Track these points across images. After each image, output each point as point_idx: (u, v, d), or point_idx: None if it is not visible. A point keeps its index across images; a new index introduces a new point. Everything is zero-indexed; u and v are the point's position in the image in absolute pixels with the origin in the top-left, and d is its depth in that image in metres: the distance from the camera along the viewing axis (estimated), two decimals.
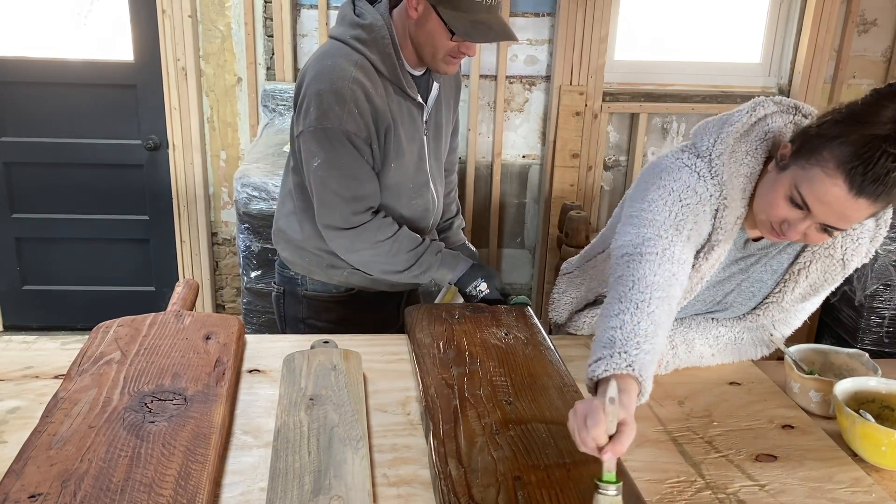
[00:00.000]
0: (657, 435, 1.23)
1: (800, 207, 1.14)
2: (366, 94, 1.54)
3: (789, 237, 1.19)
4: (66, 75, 3.01)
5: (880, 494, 1.09)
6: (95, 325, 1.40)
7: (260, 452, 1.13)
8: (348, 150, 1.55)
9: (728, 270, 1.40)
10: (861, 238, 1.30)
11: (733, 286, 1.42)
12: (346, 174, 1.58)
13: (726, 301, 1.44)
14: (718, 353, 1.46)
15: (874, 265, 2.92)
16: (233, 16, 2.96)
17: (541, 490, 1.01)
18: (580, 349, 1.51)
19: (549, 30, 3.09)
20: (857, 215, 1.12)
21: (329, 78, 1.53)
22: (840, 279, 1.35)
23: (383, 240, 1.64)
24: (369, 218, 1.63)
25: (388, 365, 1.42)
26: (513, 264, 3.41)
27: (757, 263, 1.38)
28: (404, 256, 1.67)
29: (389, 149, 1.62)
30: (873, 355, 1.42)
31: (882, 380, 1.29)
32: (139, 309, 1.54)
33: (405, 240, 1.66)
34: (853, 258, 1.31)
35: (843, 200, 1.09)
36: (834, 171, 1.08)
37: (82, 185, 3.17)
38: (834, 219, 1.13)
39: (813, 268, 1.32)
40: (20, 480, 0.97)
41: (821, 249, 1.30)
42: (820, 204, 1.12)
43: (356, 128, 1.54)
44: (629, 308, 1.13)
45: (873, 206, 1.09)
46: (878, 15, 3.20)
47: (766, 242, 1.34)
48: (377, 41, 1.56)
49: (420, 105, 1.67)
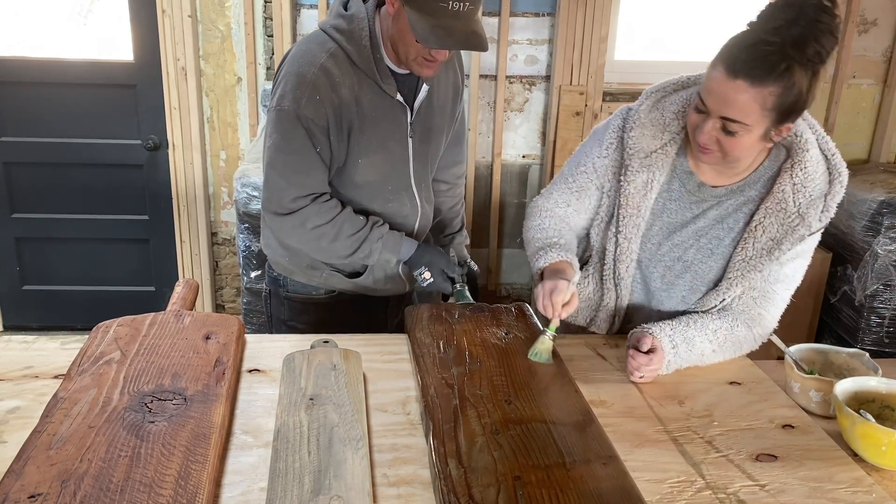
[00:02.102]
0: (657, 435, 1.23)
1: (702, 111, 1.30)
2: (332, 83, 1.53)
3: (701, 141, 1.32)
4: (66, 75, 3.01)
5: (880, 494, 1.09)
6: (95, 325, 1.40)
7: (260, 452, 1.13)
8: (301, 135, 1.54)
9: (682, 216, 1.47)
10: (813, 192, 1.37)
11: (691, 241, 1.47)
12: (293, 159, 1.56)
13: (687, 258, 1.49)
14: (719, 349, 1.46)
15: (874, 265, 2.93)
16: (233, 16, 2.96)
17: (541, 490, 1.01)
18: (580, 349, 1.51)
19: (549, 30, 3.09)
20: (740, 97, 1.23)
21: (299, 62, 1.54)
22: (804, 233, 1.38)
23: (321, 224, 1.60)
24: (308, 203, 1.60)
25: (388, 365, 1.42)
26: (513, 264, 3.41)
27: (713, 216, 1.45)
28: (345, 241, 1.63)
29: (356, 144, 1.59)
30: (873, 355, 1.42)
31: (882, 380, 1.29)
32: (139, 309, 1.54)
33: (346, 224, 1.62)
34: (809, 210, 1.37)
35: (723, 83, 1.24)
36: (716, 61, 1.27)
37: (82, 185, 3.17)
38: (721, 105, 1.26)
39: (768, 222, 1.39)
40: (20, 480, 0.97)
41: (773, 205, 1.39)
42: (708, 95, 1.27)
43: (314, 114, 1.52)
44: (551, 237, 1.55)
45: (753, 88, 1.22)
46: (878, 15, 3.20)
47: (720, 191, 1.44)
48: (354, 32, 1.55)
49: (402, 105, 1.63)
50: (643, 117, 1.47)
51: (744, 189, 1.42)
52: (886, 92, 3.29)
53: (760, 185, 1.41)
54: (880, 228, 2.90)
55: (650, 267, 1.53)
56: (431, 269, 1.66)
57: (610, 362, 1.46)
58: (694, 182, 1.45)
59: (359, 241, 1.63)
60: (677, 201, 1.47)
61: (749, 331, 1.48)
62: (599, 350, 1.52)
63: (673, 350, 1.41)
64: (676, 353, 1.41)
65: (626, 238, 1.51)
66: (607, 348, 1.52)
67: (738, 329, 1.47)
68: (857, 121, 3.36)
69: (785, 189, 1.37)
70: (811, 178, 1.36)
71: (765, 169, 1.41)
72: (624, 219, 1.49)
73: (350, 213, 1.64)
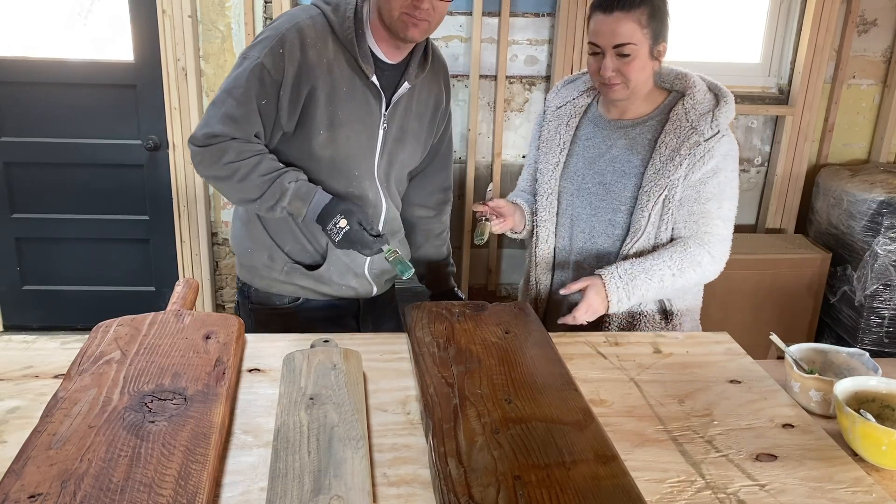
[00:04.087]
0: (657, 435, 1.23)
1: (597, 52, 1.60)
2: (302, 41, 1.54)
3: (605, 75, 1.60)
4: (66, 75, 3.01)
5: (880, 494, 1.09)
6: (95, 325, 1.40)
7: (260, 452, 1.13)
8: (252, 82, 1.53)
9: (598, 149, 1.74)
10: (701, 109, 1.64)
11: (608, 168, 1.72)
12: (232, 103, 1.55)
13: (606, 181, 1.72)
14: (679, 272, 1.63)
15: (874, 265, 2.93)
16: (233, 16, 2.96)
17: (541, 490, 1.01)
18: (580, 347, 1.51)
19: (549, 30, 3.09)
20: (623, 28, 1.55)
21: (280, 21, 1.58)
22: (697, 139, 1.62)
23: (236, 160, 1.55)
24: (228, 139, 1.56)
25: (388, 364, 1.42)
26: (513, 264, 3.41)
27: (623, 145, 1.70)
28: (257, 181, 1.56)
29: (318, 112, 1.58)
30: (873, 355, 1.42)
31: (882, 379, 1.29)
32: (139, 309, 1.54)
33: (262, 164, 1.57)
34: (699, 122, 1.63)
35: (605, 20, 1.56)
36: (592, 10, 1.60)
37: (82, 185, 3.17)
38: (610, 38, 1.56)
39: (668, 139, 1.64)
40: (20, 480, 0.97)
41: (670, 126, 1.65)
42: (597, 36, 1.58)
43: (272, 65, 1.53)
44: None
45: (628, 14, 1.54)
46: (878, 15, 3.20)
47: (626, 123, 1.71)
48: (340, 5, 1.58)
49: (378, 90, 1.62)
50: (559, 88, 1.85)
51: (647, 121, 1.70)
52: (886, 92, 3.29)
53: (661, 117, 1.69)
54: (880, 228, 2.90)
55: (578, 198, 1.76)
56: (348, 217, 1.54)
57: (610, 361, 1.47)
58: (604, 121, 1.75)
59: (270, 181, 1.56)
60: (592, 139, 1.76)
61: (702, 248, 1.65)
62: (600, 349, 1.52)
63: (629, 279, 1.60)
64: (634, 283, 1.60)
65: (542, 173, 1.81)
66: (607, 347, 1.52)
67: (690, 248, 1.65)
68: (857, 121, 3.36)
69: (678, 112, 1.66)
70: (699, 101, 1.65)
71: (664, 106, 1.70)
72: (542, 157, 1.81)
73: (269, 157, 1.59)
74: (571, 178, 1.77)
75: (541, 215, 1.82)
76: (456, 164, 3.21)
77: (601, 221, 1.74)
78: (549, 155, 1.80)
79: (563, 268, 1.83)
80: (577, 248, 1.78)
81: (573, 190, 1.77)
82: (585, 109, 1.80)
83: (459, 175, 3.22)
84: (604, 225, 1.73)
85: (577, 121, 1.79)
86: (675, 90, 1.70)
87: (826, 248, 3.15)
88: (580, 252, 1.78)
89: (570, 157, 1.78)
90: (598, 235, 1.75)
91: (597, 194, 1.73)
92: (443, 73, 1.80)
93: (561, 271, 1.84)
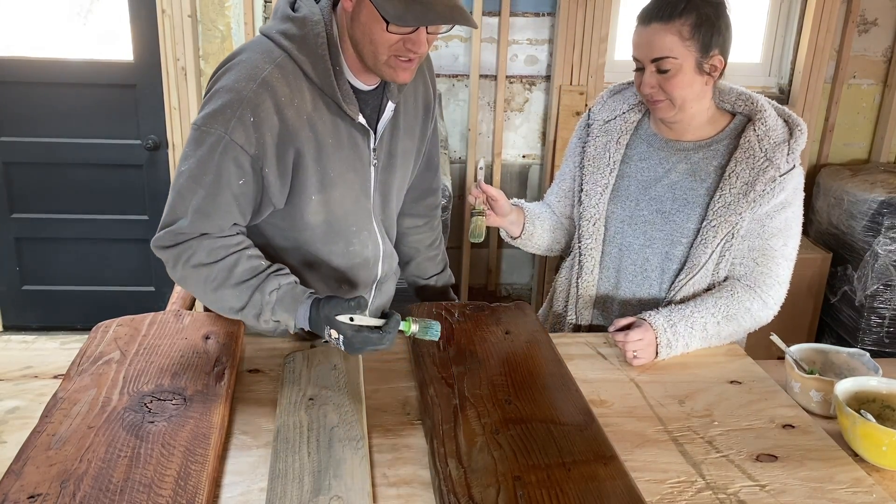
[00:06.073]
0: (657, 435, 1.22)
1: (639, 68, 1.49)
2: (275, 102, 1.27)
3: (645, 92, 1.48)
4: (66, 75, 3.01)
5: (881, 494, 1.09)
6: (95, 325, 1.40)
7: (260, 452, 1.13)
8: (224, 165, 1.27)
9: (654, 173, 1.58)
10: (776, 139, 1.49)
11: (667, 194, 1.56)
12: (202, 193, 1.29)
13: (665, 209, 1.56)
14: (724, 319, 1.49)
15: (874, 265, 2.93)
16: (233, 16, 2.96)
17: (541, 490, 1.01)
18: (580, 348, 1.51)
19: (549, 30, 3.09)
20: (661, 41, 1.43)
21: (236, 75, 1.27)
22: (774, 174, 1.48)
23: (208, 263, 1.30)
24: (197, 236, 1.32)
25: (388, 364, 1.42)
26: (513, 264, 3.41)
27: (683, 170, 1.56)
28: (234, 291, 1.30)
29: (308, 177, 1.34)
30: (874, 355, 1.42)
31: (883, 379, 1.29)
32: (139, 309, 1.54)
33: (238, 266, 1.30)
34: (775, 153, 1.48)
35: (643, 33, 1.45)
36: (635, 24, 1.48)
37: (82, 185, 3.17)
38: (648, 51, 1.45)
39: (740, 169, 1.50)
40: (19, 481, 0.97)
41: (742, 154, 1.50)
42: (637, 49, 1.47)
43: (244, 140, 1.26)
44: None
45: (665, 25, 1.42)
46: (878, 15, 3.20)
47: (687, 145, 1.56)
48: (308, 39, 1.28)
49: (365, 129, 1.38)
50: (605, 99, 1.68)
51: (710, 144, 1.55)
52: (886, 92, 3.29)
53: (727, 141, 1.54)
54: (880, 228, 2.90)
55: (630, 226, 1.60)
56: (336, 327, 1.22)
57: (610, 362, 1.46)
58: (659, 141, 1.59)
59: (249, 290, 1.30)
60: (646, 160, 1.59)
61: (752, 293, 1.51)
62: (599, 349, 1.51)
63: (668, 326, 1.45)
64: (674, 331, 1.45)
65: (588, 195, 1.63)
66: (607, 347, 1.52)
67: (738, 293, 1.51)
68: (857, 121, 3.36)
69: (750, 139, 1.50)
70: (772, 129, 1.50)
71: (729, 130, 1.55)
72: (587, 176, 1.64)
73: (246, 254, 1.33)
74: (623, 204, 1.60)
75: (585, 242, 1.63)
76: (456, 164, 3.21)
77: (656, 254, 1.57)
78: (597, 175, 1.62)
79: (606, 302, 1.66)
80: (624, 282, 1.62)
81: (624, 217, 1.60)
82: (636, 126, 1.62)
83: (459, 175, 3.22)
84: (659, 258, 1.57)
85: (629, 138, 1.62)
86: (739, 112, 1.55)
87: (826, 248, 3.15)
88: (628, 287, 1.62)
89: (619, 178, 1.61)
90: (651, 270, 1.58)
91: (653, 223, 1.57)
92: (425, 65, 1.52)
93: (603, 306, 1.67)
